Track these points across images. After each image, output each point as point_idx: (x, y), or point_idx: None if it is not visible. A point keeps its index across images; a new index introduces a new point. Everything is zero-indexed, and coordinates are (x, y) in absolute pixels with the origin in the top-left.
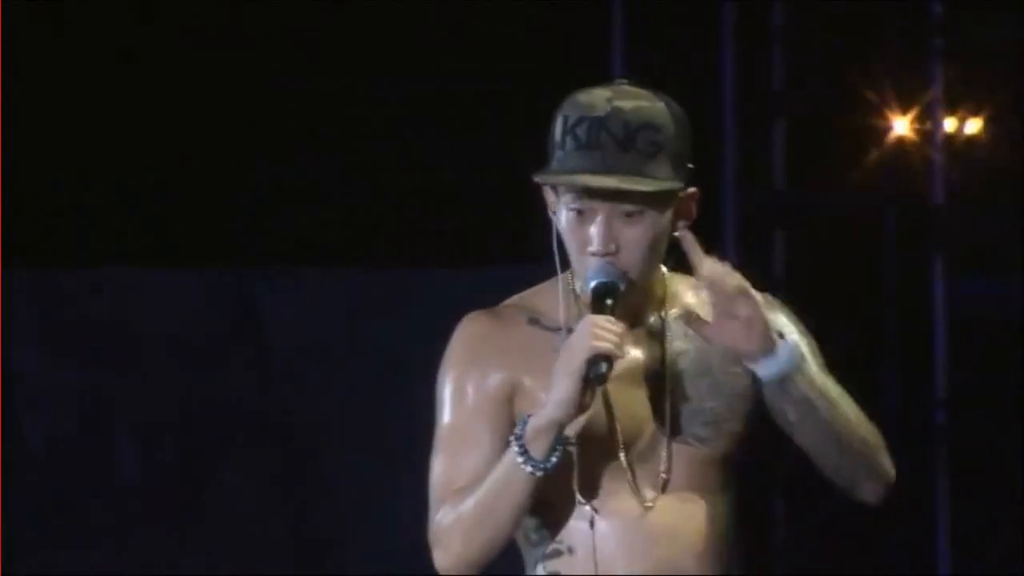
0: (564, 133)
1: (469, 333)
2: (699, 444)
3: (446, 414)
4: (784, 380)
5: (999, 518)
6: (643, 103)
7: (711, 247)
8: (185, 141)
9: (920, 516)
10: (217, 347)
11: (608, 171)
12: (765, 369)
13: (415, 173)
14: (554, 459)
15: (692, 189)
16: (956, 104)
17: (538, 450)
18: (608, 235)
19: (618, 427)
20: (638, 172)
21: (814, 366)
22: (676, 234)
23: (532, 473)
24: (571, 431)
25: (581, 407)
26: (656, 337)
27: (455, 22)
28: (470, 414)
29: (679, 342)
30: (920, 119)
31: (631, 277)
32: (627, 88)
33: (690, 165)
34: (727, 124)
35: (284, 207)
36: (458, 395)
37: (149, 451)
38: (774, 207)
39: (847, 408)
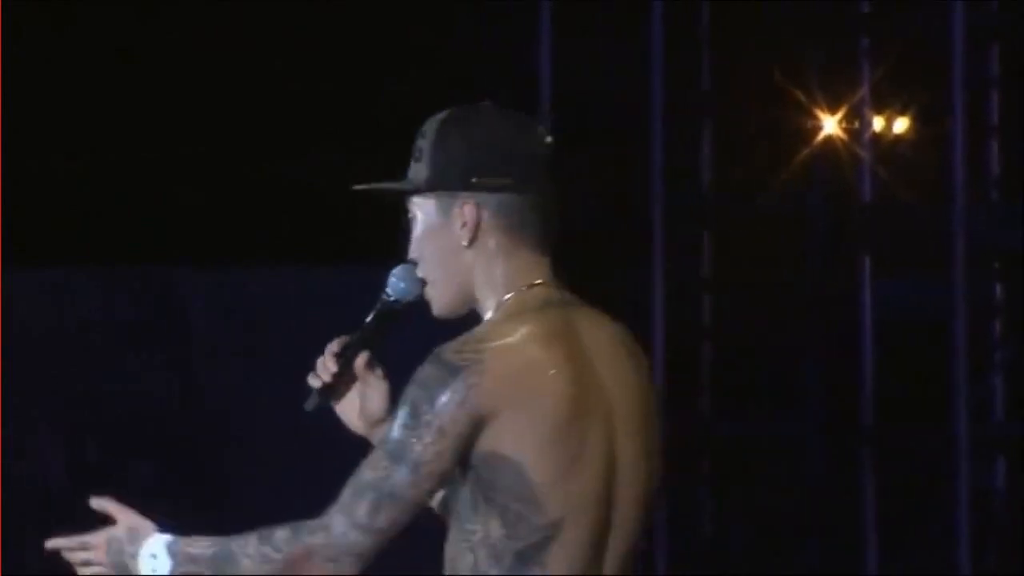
0: None
1: None
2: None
3: None
4: None
5: (926, 516)
6: (441, 114)
7: (639, 248)
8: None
9: (848, 515)
10: (136, 345)
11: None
12: None
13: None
14: None
15: (464, 201)
16: (884, 103)
17: None
18: (412, 240)
19: None
20: (404, 178)
21: None
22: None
23: None
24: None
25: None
26: None
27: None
28: None
29: None
30: (848, 118)
31: (426, 284)
32: (467, 104)
33: (476, 179)
34: (655, 124)
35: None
36: None
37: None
38: (702, 208)
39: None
